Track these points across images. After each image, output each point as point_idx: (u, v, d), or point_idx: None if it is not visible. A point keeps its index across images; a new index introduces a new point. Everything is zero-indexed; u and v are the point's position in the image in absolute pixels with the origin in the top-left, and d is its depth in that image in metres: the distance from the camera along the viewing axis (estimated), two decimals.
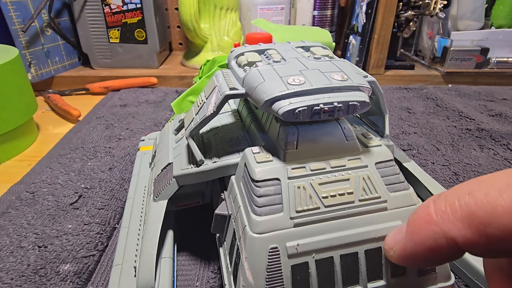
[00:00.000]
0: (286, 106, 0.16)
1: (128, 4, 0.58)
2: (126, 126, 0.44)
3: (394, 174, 0.18)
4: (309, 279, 0.16)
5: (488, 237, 0.10)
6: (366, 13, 0.61)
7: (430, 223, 0.12)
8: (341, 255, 0.16)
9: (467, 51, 0.59)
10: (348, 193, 0.17)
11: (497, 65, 0.60)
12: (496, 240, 0.10)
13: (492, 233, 0.10)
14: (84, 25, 0.59)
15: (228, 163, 0.20)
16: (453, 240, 0.11)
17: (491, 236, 0.10)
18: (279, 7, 0.64)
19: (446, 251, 0.12)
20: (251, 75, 0.18)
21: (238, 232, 0.17)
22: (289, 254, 0.15)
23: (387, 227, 0.17)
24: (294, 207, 0.16)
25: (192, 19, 0.57)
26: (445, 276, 0.17)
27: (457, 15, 0.60)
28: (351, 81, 0.17)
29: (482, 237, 0.11)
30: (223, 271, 0.19)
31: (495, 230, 0.10)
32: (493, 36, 0.59)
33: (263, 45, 0.22)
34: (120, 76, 0.59)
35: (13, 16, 0.50)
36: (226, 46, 0.63)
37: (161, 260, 0.22)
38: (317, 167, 0.17)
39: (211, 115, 0.19)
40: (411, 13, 0.60)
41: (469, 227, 0.11)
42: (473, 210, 0.11)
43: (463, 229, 0.11)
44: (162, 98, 0.53)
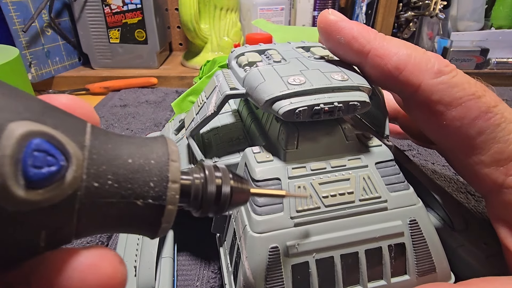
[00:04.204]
0: (287, 106, 0.16)
1: (128, 5, 0.58)
2: (126, 126, 0.44)
3: (394, 174, 0.18)
4: (309, 278, 0.16)
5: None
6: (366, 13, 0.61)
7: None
8: (341, 255, 0.16)
9: (467, 52, 0.59)
10: (349, 193, 0.17)
11: (497, 66, 0.60)
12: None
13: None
14: (84, 26, 0.59)
15: (229, 163, 0.20)
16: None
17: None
18: (279, 7, 0.64)
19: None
20: (252, 75, 0.18)
21: (239, 232, 0.17)
22: (290, 253, 0.15)
23: (387, 227, 0.17)
24: (294, 207, 0.16)
25: (192, 20, 0.57)
26: (445, 275, 0.17)
27: (457, 16, 0.60)
28: (351, 81, 0.17)
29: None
30: (223, 271, 0.19)
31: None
32: (493, 36, 0.59)
33: (264, 45, 0.22)
34: (120, 76, 0.59)
35: (13, 16, 0.50)
36: (226, 47, 0.63)
37: (161, 260, 0.22)
38: (318, 166, 0.17)
39: (211, 115, 0.19)
40: (411, 13, 0.60)
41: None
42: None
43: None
44: (162, 98, 0.53)
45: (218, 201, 0.11)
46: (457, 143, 0.17)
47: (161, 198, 0.10)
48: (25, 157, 0.08)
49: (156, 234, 0.11)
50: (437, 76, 0.16)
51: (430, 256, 0.17)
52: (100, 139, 0.10)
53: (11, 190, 0.08)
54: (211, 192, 0.11)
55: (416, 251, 0.17)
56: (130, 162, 0.10)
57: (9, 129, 0.08)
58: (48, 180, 0.08)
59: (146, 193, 0.10)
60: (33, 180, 0.08)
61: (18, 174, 0.08)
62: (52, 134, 0.08)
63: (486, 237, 0.20)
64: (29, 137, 0.08)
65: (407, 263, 0.17)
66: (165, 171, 0.10)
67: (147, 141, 0.11)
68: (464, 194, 0.31)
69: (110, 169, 0.09)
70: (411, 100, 0.17)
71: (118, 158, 0.10)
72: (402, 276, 0.17)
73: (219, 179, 0.11)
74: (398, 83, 0.17)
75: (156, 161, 0.10)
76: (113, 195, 0.09)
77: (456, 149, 0.18)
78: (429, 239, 0.17)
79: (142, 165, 0.10)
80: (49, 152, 0.08)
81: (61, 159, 0.08)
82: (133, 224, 0.10)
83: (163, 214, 0.10)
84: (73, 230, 0.09)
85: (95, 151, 0.09)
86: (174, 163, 0.10)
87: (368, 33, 0.17)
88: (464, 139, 0.17)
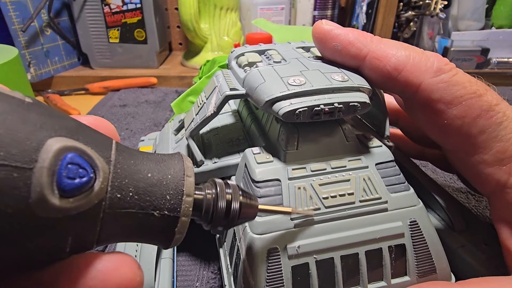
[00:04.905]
0: (287, 107, 0.16)
1: (128, 4, 0.58)
2: (125, 126, 0.44)
3: (395, 175, 0.18)
4: (309, 280, 0.16)
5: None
6: (367, 13, 0.61)
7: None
8: (341, 256, 0.16)
9: (468, 52, 0.59)
10: (349, 194, 0.17)
11: (497, 66, 0.60)
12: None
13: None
14: (83, 25, 0.59)
15: (228, 164, 0.20)
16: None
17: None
18: (279, 7, 0.64)
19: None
20: (252, 75, 0.18)
21: (238, 233, 0.17)
22: (290, 255, 0.15)
23: (387, 228, 0.17)
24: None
25: (192, 19, 0.57)
26: (445, 276, 0.17)
27: (457, 15, 0.60)
28: (351, 82, 0.17)
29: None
30: (223, 272, 0.19)
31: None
32: (494, 36, 0.59)
33: (264, 46, 0.22)
34: (120, 76, 0.59)
35: (12, 16, 0.50)
36: (226, 46, 0.63)
37: (161, 260, 0.22)
38: (318, 167, 0.17)
39: (211, 115, 0.19)
40: (411, 13, 0.60)
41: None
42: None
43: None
44: (162, 98, 0.53)
45: (228, 215, 0.12)
46: (459, 143, 0.17)
47: (176, 210, 0.11)
48: (61, 169, 0.09)
49: (170, 244, 0.11)
50: (437, 74, 0.16)
51: (430, 257, 0.17)
52: (124, 155, 0.11)
53: (47, 198, 0.09)
54: (222, 207, 0.12)
55: (416, 252, 0.17)
56: (150, 176, 0.11)
57: (48, 144, 0.09)
58: (79, 190, 0.09)
59: (163, 205, 0.11)
60: (66, 190, 0.09)
61: (53, 185, 0.09)
62: (84, 149, 0.10)
63: (486, 237, 0.20)
64: (64, 152, 0.09)
65: (407, 264, 0.17)
66: (181, 186, 0.11)
67: (165, 157, 0.12)
68: (464, 194, 0.31)
69: (131, 183, 0.10)
70: (412, 100, 0.17)
71: (139, 172, 0.11)
72: (403, 277, 0.17)
73: (229, 195, 0.13)
74: (398, 84, 0.17)
75: (172, 176, 0.11)
76: (133, 206, 0.10)
77: (458, 148, 0.17)
78: (429, 240, 0.17)
79: (160, 179, 0.11)
80: (81, 165, 0.09)
81: (91, 172, 0.09)
82: (149, 233, 0.11)
83: (177, 225, 0.11)
84: (96, 237, 0.10)
85: (119, 166, 0.10)
86: (189, 178, 0.11)
87: (364, 37, 0.17)
88: (465, 138, 0.16)
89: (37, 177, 0.08)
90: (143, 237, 0.11)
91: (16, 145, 0.08)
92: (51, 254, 0.10)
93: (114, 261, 0.10)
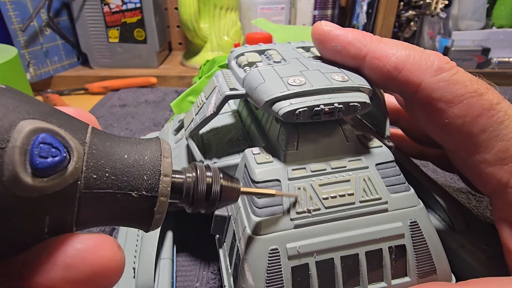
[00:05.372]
0: (287, 107, 0.16)
1: (127, 4, 0.58)
2: (125, 126, 0.44)
3: (395, 175, 0.18)
4: (309, 280, 0.16)
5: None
6: (367, 13, 0.61)
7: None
8: (341, 257, 0.16)
9: (468, 51, 0.59)
10: (349, 194, 0.16)
11: (498, 65, 0.60)
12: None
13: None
14: (83, 25, 0.59)
15: (228, 164, 0.20)
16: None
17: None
18: (279, 7, 0.64)
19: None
20: (251, 75, 0.18)
21: (238, 233, 0.17)
22: (289, 255, 0.15)
23: (387, 229, 0.16)
24: (294, 208, 0.16)
25: (192, 19, 0.57)
26: (445, 277, 0.17)
27: (458, 15, 0.60)
28: (351, 82, 0.17)
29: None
30: (222, 273, 0.19)
31: None
32: (494, 36, 0.59)
33: (263, 46, 0.22)
34: (120, 76, 0.59)
35: (12, 16, 0.50)
36: (226, 46, 0.63)
37: (160, 261, 0.22)
38: (318, 168, 0.17)
39: (211, 115, 0.19)
40: (412, 13, 0.60)
41: None
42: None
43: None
44: (161, 98, 0.53)
45: (209, 198, 0.13)
46: (460, 142, 0.17)
47: (154, 190, 0.11)
48: (33, 148, 0.09)
49: (150, 225, 0.12)
50: (438, 73, 0.16)
51: (430, 257, 0.17)
52: (99, 138, 0.11)
53: (20, 176, 0.09)
54: (202, 190, 0.13)
55: (416, 253, 0.17)
56: (126, 157, 0.11)
57: (20, 125, 0.09)
58: (52, 169, 0.09)
59: (140, 185, 0.11)
60: (38, 168, 0.09)
61: (26, 163, 0.09)
62: (57, 130, 0.10)
63: (486, 238, 0.20)
64: (37, 132, 0.09)
65: (407, 264, 0.17)
66: (158, 166, 0.11)
67: (141, 140, 0.12)
68: (465, 194, 0.31)
69: (107, 163, 0.10)
70: (412, 99, 0.17)
71: (115, 154, 0.11)
72: (403, 278, 0.17)
73: (210, 178, 0.13)
74: (398, 83, 0.17)
75: (149, 157, 0.11)
76: (110, 186, 0.10)
77: (459, 148, 0.17)
78: (429, 240, 0.17)
79: (137, 160, 0.11)
80: (53, 145, 0.09)
81: (64, 151, 0.10)
82: (129, 215, 0.11)
83: (155, 205, 0.11)
84: (74, 218, 0.10)
85: (95, 147, 0.10)
86: (166, 159, 0.12)
87: (364, 37, 0.17)
88: (466, 137, 0.16)
89: (9, 155, 0.09)
90: (123, 219, 0.11)
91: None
92: (29, 235, 0.10)
93: (94, 240, 0.10)
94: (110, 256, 0.10)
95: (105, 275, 0.10)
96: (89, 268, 0.10)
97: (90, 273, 0.10)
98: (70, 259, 0.10)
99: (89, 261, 0.10)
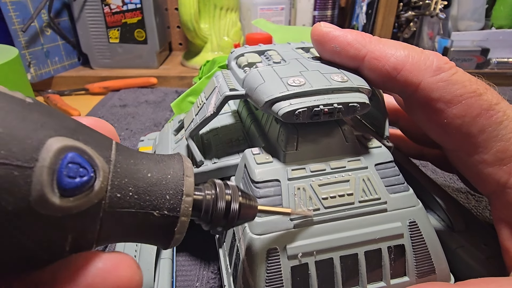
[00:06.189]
0: (286, 107, 0.16)
1: (128, 4, 0.58)
2: (125, 126, 0.44)
3: (394, 176, 0.18)
4: (309, 280, 0.16)
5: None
6: (367, 13, 0.61)
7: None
8: (341, 257, 0.16)
9: (468, 52, 0.59)
10: (348, 195, 0.17)
11: (497, 66, 0.60)
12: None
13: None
14: (83, 25, 0.59)
15: (228, 164, 0.20)
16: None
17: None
18: (279, 7, 0.64)
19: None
20: (251, 76, 0.18)
21: (238, 233, 0.17)
22: (289, 255, 0.15)
23: (386, 229, 0.17)
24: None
25: (192, 19, 0.57)
26: (444, 277, 0.17)
27: (457, 16, 0.60)
28: (351, 82, 0.17)
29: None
30: (222, 272, 0.19)
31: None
32: (494, 36, 0.59)
33: (263, 46, 0.22)
34: (120, 76, 0.59)
35: (12, 16, 0.50)
36: (226, 47, 0.63)
37: (160, 261, 0.22)
38: (317, 168, 0.17)
39: (211, 116, 0.19)
40: (411, 13, 0.60)
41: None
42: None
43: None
44: (161, 98, 0.53)
45: (227, 216, 0.13)
46: (459, 142, 0.17)
47: (176, 210, 0.11)
48: (61, 168, 0.09)
49: (169, 244, 0.11)
50: (437, 73, 0.16)
51: (429, 257, 0.17)
52: (123, 155, 0.11)
53: (47, 197, 0.09)
54: (221, 208, 0.12)
55: (415, 253, 0.17)
56: (149, 176, 0.11)
57: (48, 143, 0.09)
58: (79, 189, 0.09)
59: (162, 205, 0.11)
60: (66, 189, 0.09)
61: (53, 183, 0.09)
62: (84, 149, 0.10)
63: (486, 238, 0.20)
64: (65, 151, 0.09)
65: (406, 264, 0.17)
66: (180, 186, 0.11)
67: (164, 158, 0.12)
68: (464, 194, 0.31)
69: (131, 182, 0.10)
70: (412, 99, 0.17)
71: (139, 172, 0.11)
72: (402, 277, 0.17)
73: (229, 195, 0.13)
74: (397, 84, 0.17)
75: (172, 176, 0.11)
76: (133, 205, 0.10)
77: (458, 148, 0.17)
78: (428, 240, 0.17)
79: (160, 179, 0.11)
80: (81, 164, 0.09)
81: (91, 171, 0.09)
82: (149, 233, 0.11)
83: (176, 225, 0.11)
84: (95, 236, 0.10)
85: (119, 165, 0.10)
86: (189, 178, 0.12)
87: (363, 37, 0.18)
88: (465, 137, 0.16)
89: (38, 175, 0.08)
90: (143, 237, 0.11)
91: (17, 144, 0.08)
92: (51, 252, 0.10)
93: (114, 260, 0.10)
94: (130, 276, 0.10)
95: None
96: (109, 287, 0.10)
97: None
98: (91, 279, 0.10)
99: (109, 281, 0.10)
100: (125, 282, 0.10)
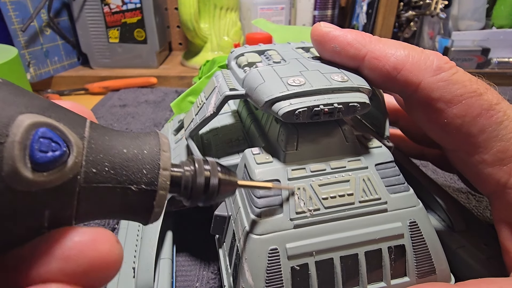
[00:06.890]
0: (286, 107, 0.16)
1: (127, 4, 0.58)
2: (125, 126, 0.44)
3: (394, 176, 0.18)
4: (309, 280, 0.16)
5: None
6: (367, 13, 0.61)
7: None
8: (341, 257, 0.16)
9: (468, 52, 0.59)
10: (348, 195, 0.17)
11: (498, 66, 0.60)
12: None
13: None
14: (83, 25, 0.59)
15: (228, 164, 0.20)
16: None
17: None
18: (279, 7, 0.64)
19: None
20: (251, 75, 0.18)
21: (238, 233, 0.17)
22: (289, 255, 0.15)
23: (387, 229, 0.16)
24: (294, 209, 0.16)
25: (192, 19, 0.57)
26: (445, 277, 0.17)
27: (458, 15, 0.60)
28: (351, 82, 0.17)
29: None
30: (222, 272, 0.19)
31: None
32: (494, 36, 0.59)
33: (263, 46, 0.22)
34: (120, 76, 0.59)
35: (12, 16, 0.50)
36: (226, 46, 0.63)
37: (160, 261, 0.22)
38: (317, 168, 0.17)
39: (210, 115, 0.19)
40: (411, 13, 0.60)
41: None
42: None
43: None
44: (161, 98, 0.53)
45: (207, 191, 0.13)
46: (459, 142, 0.17)
47: (153, 183, 0.11)
48: (33, 143, 0.09)
49: (149, 219, 0.12)
50: (437, 73, 0.16)
51: (430, 258, 0.17)
52: (98, 132, 0.11)
53: (20, 171, 0.09)
54: (200, 183, 0.13)
55: (416, 253, 0.17)
56: (125, 151, 0.11)
57: (18, 119, 0.09)
58: (52, 163, 0.09)
59: (140, 179, 0.11)
60: (39, 163, 0.09)
61: (26, 158, 0.09)
62: (56, 125, 0.10)
63: (486, 238, 0.20)
64: (36, 126, 0.09)
65: (407, 265, 0.17)
66: (157, 160, 0.11)
67: (140, 135, 0.12)
68: (465, 194, 0.31)
69: (106, 157, 0.10)
70: (412, 99, 0.17)
71: (114, 148, 0.11)
72: (402, 278, 0.17)
73: (208, 171, 0.13)
74: (398, 83, 0.17)
75: (148, 151, 0.11)
76: (109, 180, 0.10)
77: (458, 148, 0.17)
78: (429, 240, 0.17)
79: (136, 154, 0.11)
80: (53, 139, 0.09)
81: (64, 146, 0.10)
82: (128, 208, 0.11)
83: (155, 198, 0.11)
84: (73, 212, 0.10)
85: (94, 142, 0.10)
86: (165, 153, 0.12)
87: (363, 37, 0.17)
88: (465, 137, 0.16)
89: (9, 150, 0.09)
90: (122, 213, 0.11)
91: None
92: (28, 228, 0.10)
93: (92, 234, 0.10)
94: (108, 250, 0.10)
95: (102, 269, 0.10)
96: (87, 261, 0.10)
97: (87, 266, 0.10)
98: (68, 251, 0.10)
99: (86, 254, 0.10)
100: (104, 256, 0.10)
